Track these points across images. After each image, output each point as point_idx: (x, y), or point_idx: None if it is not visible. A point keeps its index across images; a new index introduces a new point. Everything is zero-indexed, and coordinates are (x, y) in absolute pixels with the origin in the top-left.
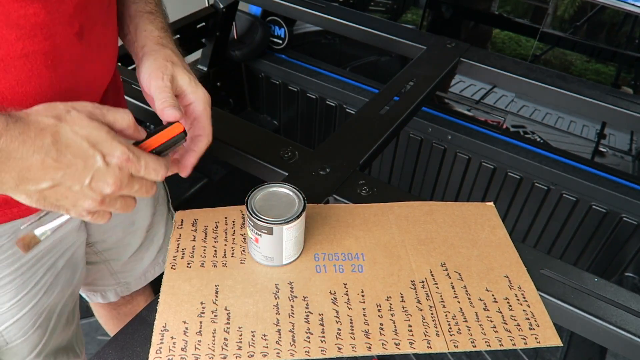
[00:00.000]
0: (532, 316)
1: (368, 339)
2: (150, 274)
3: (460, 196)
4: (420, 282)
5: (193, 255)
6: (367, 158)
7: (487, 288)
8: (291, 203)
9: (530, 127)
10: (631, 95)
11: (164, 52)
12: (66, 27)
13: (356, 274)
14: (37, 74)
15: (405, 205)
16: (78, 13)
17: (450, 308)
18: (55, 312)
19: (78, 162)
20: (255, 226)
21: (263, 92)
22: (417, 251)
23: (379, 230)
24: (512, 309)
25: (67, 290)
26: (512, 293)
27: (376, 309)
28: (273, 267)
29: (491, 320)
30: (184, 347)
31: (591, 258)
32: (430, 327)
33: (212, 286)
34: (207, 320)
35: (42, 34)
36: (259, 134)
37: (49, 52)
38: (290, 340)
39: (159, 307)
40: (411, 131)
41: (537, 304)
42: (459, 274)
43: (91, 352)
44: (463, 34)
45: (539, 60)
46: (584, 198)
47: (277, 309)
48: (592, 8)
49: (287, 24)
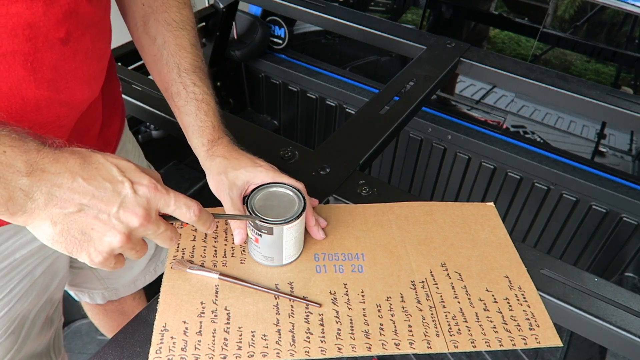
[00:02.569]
0: (532, 316)
1: (368, 339)
2: (140, 282)
3: (460, 196)
4: (420, 282)
5: (193, 255)
6: (367, 158)
7: (487, 288)
8: (291, 203)
9: (530, 127)
10: (631, 95)
11: (216, 167)
12: (51, 31)
13: (356, 274)
14: (14, 75)
15: (405, 205)
16: (67, 19)
17: (450, 308)
18: (29, 318)
19: (107, 186)
20: (256, 226)
21: (263, 92)
22: (417, 251)
23: (379, 230)
24: (512, 309)
25: (43, 296)
26: (512, 293)
27: (376, 309)
28: (273, 267)
29: (491, 320)
30: (184, 347)
31: (591, 258)
32: (430, 328)
33: (212, 286)
34: (207, 320)
35: (23, 35)
36: (259, 134)
37: (29, 54)
38: (290, 340)
39: (159, 306)
40: (411, 131)
41: (537, 304)
42: (459, 274)
43: (91, 352)
44: (461, 34)
45: (539, 60)
46: (584, 198)
47: (277, 308)
48: (592, 8)
49: (287, 24)
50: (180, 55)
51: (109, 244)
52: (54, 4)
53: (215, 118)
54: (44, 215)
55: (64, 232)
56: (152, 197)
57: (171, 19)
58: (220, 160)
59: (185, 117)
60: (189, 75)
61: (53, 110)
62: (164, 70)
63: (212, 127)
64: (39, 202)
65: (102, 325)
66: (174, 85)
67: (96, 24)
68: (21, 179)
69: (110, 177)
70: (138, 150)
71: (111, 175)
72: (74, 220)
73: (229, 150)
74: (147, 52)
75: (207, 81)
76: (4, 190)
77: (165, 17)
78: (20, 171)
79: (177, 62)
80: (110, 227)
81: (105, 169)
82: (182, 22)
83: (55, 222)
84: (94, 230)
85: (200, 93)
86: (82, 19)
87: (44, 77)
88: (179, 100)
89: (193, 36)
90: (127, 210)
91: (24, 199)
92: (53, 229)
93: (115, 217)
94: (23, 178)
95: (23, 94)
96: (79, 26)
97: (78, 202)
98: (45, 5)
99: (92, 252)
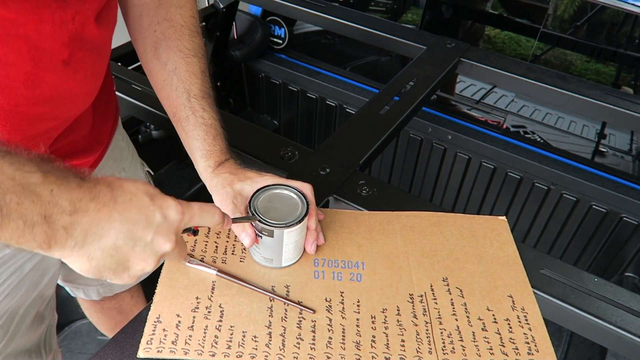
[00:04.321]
0: (532, 340)
1: (358, 350)
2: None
3: (461, 196)
4: (419, 296)
5: (194, 249)
6: (367, 158)
7: (488, 307)
8: (294, 206)
9: (530, 127)
10: (631, 95)
11: (222, 181)
12: (55, 53)
13: (354, 282)
14: (14, 92)
15: (412, 215)
16: (72, 42)
17: (447, 325)
18: (18, 313)
19: (141, 218)
20: (257, 227)
21: (263, 92)
22: (420, 264)
23: (383, 239)
24: (512, 331)
25: (32, 292)
26: (514, 314)
27: (370, 320)
28: (271, 269)
29: (488, 341)
30: (175, 340)
31: (591, 258)
32: (424, 344)
33: (209, 282)
34: (200, 316)
35: (28, 55)
36: (259, 134)
37: (30, 73)
38: (280, 344)
39: (155, 297)
40: (411, 131)
41: (539, 328)
42: (460, 290)
43: (91, 352)
44: (459, 33)
45: (539, 60)
46: (584, 198)
47: (270, 311)
48: (592, 8)
49: (287, 24)
50: (190, 81)
51: (142, 270)
52: (62, 27)
53: (222, 143)
54: (82, 252)
55: (99, 266)
56: (180, 219)
57: (183, 47)
58: (226, 175)
59: (194, 141)
60: (198, 100)
61: (46, 124)
62: (173, 95)
63: (219, 150)
64: (78, 239)
65: (100, 323)
66: (182, 110)
67: (99, 47)
68: (65, 218)
69: (142, 207)
70: (132, 148)
71: (143, 205)
72: (111, 256)
73: (235, 168)
74: (157, 77)
75: (215, 107)
76: (49, 229)
77: (178, 44)
78: (65, 210)
79: (187, 87)
80: (145, 256)
81: (137, 199)
82: (193, 50)
83: (91, 258)
84: (129, 261)
85: (209, 118)
86: (86, 42)
87: (42, 95)
88: (187, 124)
89: (203, 63)
90: (161, 237)
91: (65, 237)
92: (89, 264)
93: (149, 246)
94: (67, 217)
95: (20, 109)
96: (82, 49)
97: (115, 237)
98: (53, 28)
99: (125, 278)
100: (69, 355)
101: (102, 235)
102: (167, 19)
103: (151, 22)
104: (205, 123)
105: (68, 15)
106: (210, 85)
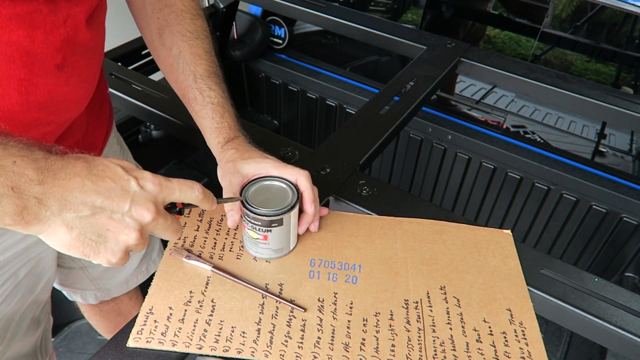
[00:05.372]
0: (528, 356)
1: (346, 352)
2: (133, 282)
3: (461, 196)
4: (414, 303)
5: (193, 245)
6: (367, 158)
7: (485, 319)
8: (280, 190)
9: (530, 127)
10: (631, 95)
11: (227, 156)
12: (47, 58)
13: (349, 284)
14: (8, 98)
15: (415, 222)
16: (64, 46)
17: (440, 334)
18: (14, 320)
19: (115, 186)
20: (264, 224)
21: (263, 92)
22: (418, 270)
23: (383, 243)
24: (508, 344)
25: (28, 298)
26: (512, 328)
27: (362, 323)
28: (267, 267)
29: (482, 353)
30: (164, 332)
31: (591, 258)
32: (414, 351)
33: (204, 277)
34: (192, 310)
35: (21, 61)
36: (259, 134)
37: (24, 79)
38: (267, 341)
39: (150, 289)
40: (411, 131)
41: (536, 344)
42: (458, 300)
43: (91, 352)
44: (459, 33)
45: (539, 60)
46: (584, 198)
47: (262, 307)
48: (592, 8)
49: (287, 24)
50: (195, 62)
51: (125, 242)
52: (54, 32)
53: (231, 119)
54: (58, 221)
55: (80, 237)
56: (158, 190)
57: (185, 30)
58: (232, 152)
59: (203, 120)
60: (204, 80)
61: (42, 130)
62: (181, 78)
63: (228, 127)
64: (53, 208)
65: (99, 326)
66: (190, 92)
67: (91, 50)
68: (34, 187)
69: (116, 176)
70: (127, 151)
71: (117, 175)
72: (89, 223)
73: (243, 145)
74: (164, 62)
75: (223, 85)
76: (19, 200)
77: (179, 28)
78: (32, 180)
79: (193, 69)
80: (124, 226)
81: (111, 170)
82: (196, 32)
83: (70, 228)
84: (109, 231)
85: (216, 97)
86: (79, 46)
87: (36, 101)
88: (195, 104)
89: (207, 44)
90: (139, 206)
91: (38, 207)
92: (69, 235)
93: (128, 215)
94: (36, 186)
95: (15, 116)
96: (74, 52)
97: (91, 205)
98: (45, 34)
99: (108, 253)
100: (69, 355)
101: (78, 203)
102: (168, 5)
103: (154, 10)
104: (213, 102)
105: (60, 20)
106: (217, 65)
